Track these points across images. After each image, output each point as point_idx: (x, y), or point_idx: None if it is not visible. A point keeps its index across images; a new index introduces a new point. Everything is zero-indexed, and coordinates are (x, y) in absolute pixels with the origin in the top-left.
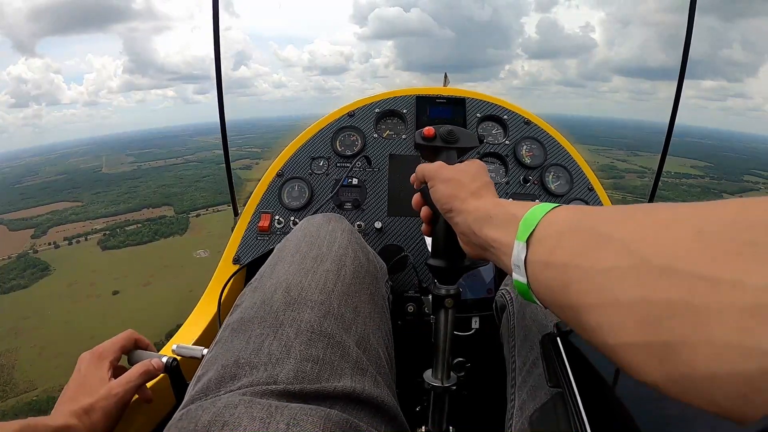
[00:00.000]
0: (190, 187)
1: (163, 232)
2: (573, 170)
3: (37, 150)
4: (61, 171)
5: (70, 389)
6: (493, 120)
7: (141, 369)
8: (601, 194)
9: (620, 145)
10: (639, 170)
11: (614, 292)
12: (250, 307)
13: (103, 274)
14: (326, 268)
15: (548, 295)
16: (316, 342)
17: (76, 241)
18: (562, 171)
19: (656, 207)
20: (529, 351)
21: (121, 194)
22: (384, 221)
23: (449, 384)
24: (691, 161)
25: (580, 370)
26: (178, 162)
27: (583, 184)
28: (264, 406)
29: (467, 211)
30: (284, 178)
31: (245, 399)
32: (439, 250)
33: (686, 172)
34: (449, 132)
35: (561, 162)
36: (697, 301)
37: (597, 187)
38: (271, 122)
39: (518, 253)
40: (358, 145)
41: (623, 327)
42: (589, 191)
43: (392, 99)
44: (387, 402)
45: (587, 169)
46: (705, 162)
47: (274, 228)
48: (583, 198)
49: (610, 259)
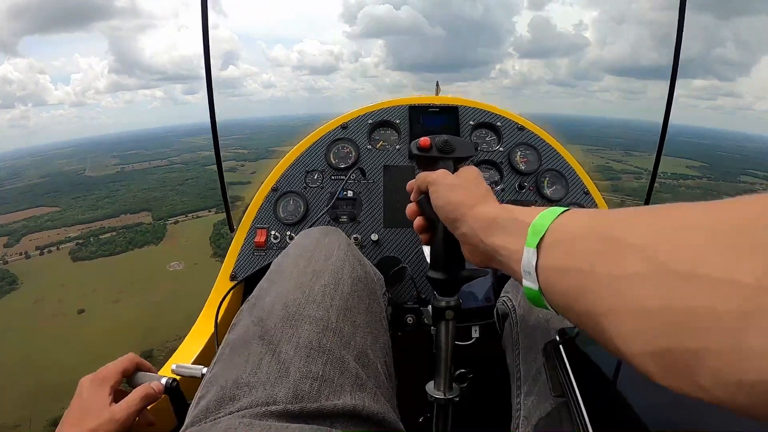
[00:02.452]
0: (171, 191)
1: (138, 241)
2: (568, 175)
3: (25, 152)
4: (44, 174)
5: (72, 414)
6: (487, 127)
7: (142, 393)
8: (597, 198)
9: (613, 145)
10: (635, 171)
11: (634, 299)
12: (248, 325)
13: (70, 289)
14: (324, 282)
15: (562, 301)
16: (315, 359)
17: (48, 250)
18: (557, 176)
19: (668, 209)
20: (534, 359)
21: (100, 198)
22: (380, 233)
23: (452, 396)
24: (686, 161)
25: (584, 377)
26: (162, 164)
27: (579, 188)
28: (263, 429)
29: (474, 218)
30: (279, 192)
31: (245, 421)
32: (438, 261)
33: (683, 172)
34: (445, 142)
35: (556, 167)
36: (720, 307)
37: (593, 190)
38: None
39: (528, 260)
40: (352, 157)
41: (645, 335)
42: (585, 195)
43: (385, 110)
44: (388, 418)
45: (582, 173)
46: (700, 162)
47: (271, 243)
48: (579, 202)
49: (627, 265)
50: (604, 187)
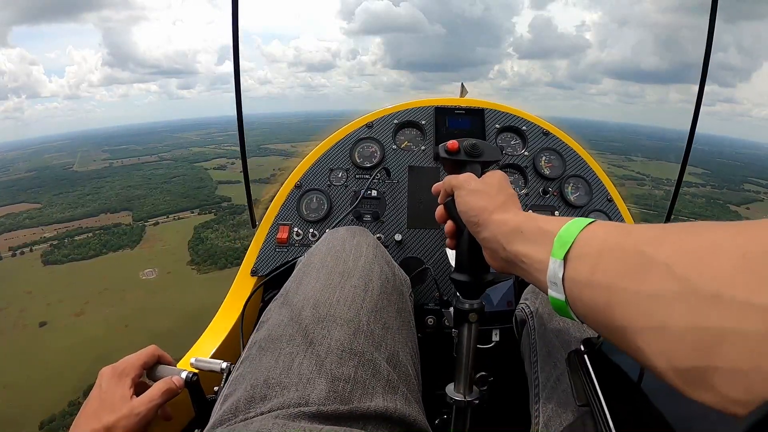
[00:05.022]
0: (156, 189)
1: (113, 244)
2: (592, 181)
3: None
4: (31, 168)
5: (91, 405)
6: (512, 131)
7: (163, 387)
8: (620, 205)
9: (612, 149)
10: (637, 177)
11: (663, 317)
12: (277, 324)
13: (36, 297)
14: (353, 283)
15: (589, 314)
16: (347, 360)
17: (21, 251)
18: (581, 182)
19: (696, 227)
20: (553, 367)
21: (83, 195)
22: (404, 233)
23: (472, 398)
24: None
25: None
26: (151, 160)
27: (603, 196)
28: (297, 430)
29: (495, 224)
30: (303, 189)
31: (278, 423)
32: (463, 264)
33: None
34: (473, 146)
35: (580, 173)
36: (746, 329)
37: (616, 197)
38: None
39: (555, 271)
40: (377, 156)
41: (673, 352)
42: (608, 202)
43: (410, 110)
44: (418, 420)
45: (606, 180)
46: (702, 168)
47: (293, 240)
48: (602, 209)
49: (655, 283)
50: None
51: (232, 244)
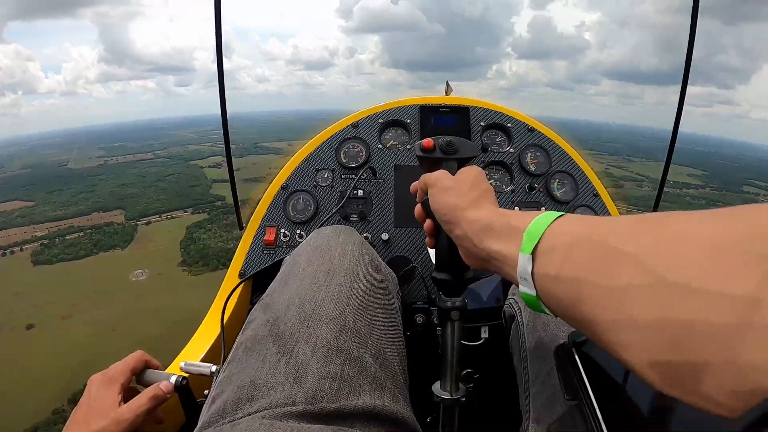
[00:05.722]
0: (149, 187)
1: (104, 244)
2: (578, 177)
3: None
4: (27, 165)
5: (81, 411)
6: (497, 128)
7: (151, 393)
8: (607, 200)
9: (611, 150)
10: (637, 178)
11: (632, 310)
12: (262, 325)
13: (25, 298)
14: (339, 281)
15: (560, 308)
16: (333, 359)
17: (11, 251)
18: (567, 178)
19: (666, 218)
20: (542, 362)
21: (76, 194)
22: (391, 233)
23: (458, 396)
24: (686, 169)
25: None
26: (146, 158)
27: (588, 191)
28: (284, 430)
29: (467, 222)
30: (289, 190)
31: (266, 423)
32: (442, 262)
33: (685, 181)
34: (448, 143)
35: (566, 169)
36: (716, 320)
37: (602, 193)
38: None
39: (524, 266)
40: (363, 156)
41: (643, 346)
42: (595, 197)
43: (396, 109)
44: (406, 417)
45: (592, 175)
46: (700, 170)
47: (280, 241)
48: (588, 204)
49: (624, 276)
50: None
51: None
